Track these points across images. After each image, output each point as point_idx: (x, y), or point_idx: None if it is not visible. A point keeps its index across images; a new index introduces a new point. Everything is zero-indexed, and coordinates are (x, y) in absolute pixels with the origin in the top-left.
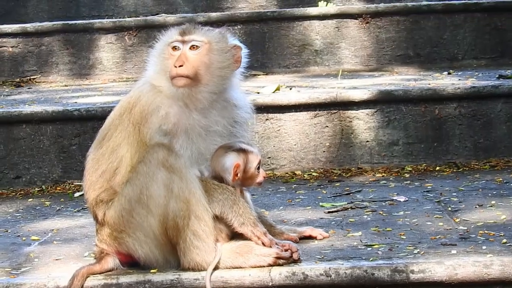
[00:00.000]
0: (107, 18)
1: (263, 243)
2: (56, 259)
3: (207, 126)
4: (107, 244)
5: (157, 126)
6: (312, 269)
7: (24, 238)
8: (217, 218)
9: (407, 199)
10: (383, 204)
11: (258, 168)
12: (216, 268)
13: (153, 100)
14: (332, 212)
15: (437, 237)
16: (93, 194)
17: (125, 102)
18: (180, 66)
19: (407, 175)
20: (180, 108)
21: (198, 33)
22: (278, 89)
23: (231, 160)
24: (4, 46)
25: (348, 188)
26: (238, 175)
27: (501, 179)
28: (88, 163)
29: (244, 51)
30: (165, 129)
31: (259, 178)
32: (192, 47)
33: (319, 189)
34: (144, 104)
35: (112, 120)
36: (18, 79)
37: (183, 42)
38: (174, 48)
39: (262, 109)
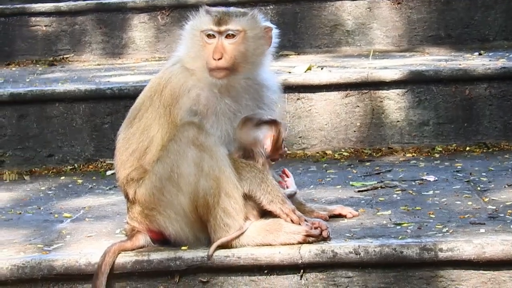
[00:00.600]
0: None
1: (292, 220)
2: (88, 236)
3: (237, 110)
4: (138, 222)
5: (188, 107)
6: (342, 247)
7: (56, 215)
8: (247, 196)
9: (436, 178)
10: (413, 183)
11: (283, 141)
12: (230, 246)
13: (184, 81)
14: (362, 191)
15: (466, 216)
16: (123, 173)
17: (155, 83)
18: (219, 58)
19: (437, 155)
20: (212, 92)
21: (233, 22)
22: (309, 68)
23: (265, 132)
24: (38, 25)
25: (378, 168)
26: (271, 146)
27: None
28: (119, 142)
29: (275, 31)
30: (195, 109)
31: (282, 151)
32: (228, 36)
33: (349, 169)
34: (175, 85)
35: (143, 101)
36: (51, 58)
37: (219, 32)
38: (209, 36)
39: (294, 88)
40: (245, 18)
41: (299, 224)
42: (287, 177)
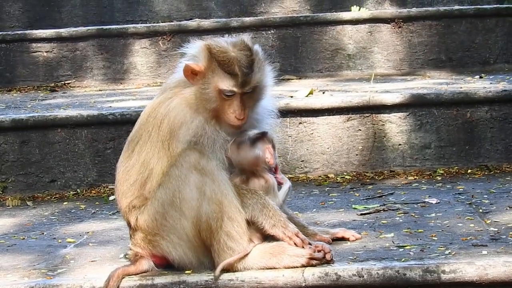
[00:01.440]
0: (141, 23)
1: (295, 243)
2: (91, 261)
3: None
4: (141, 248)
5: (187, 139)
6: (345, 270)
7: (60, 241)
8: (250, 222)
9: (439, 201)
10: (415, 206)
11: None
12: (246, 268)
13: (183, 118)
14: (364, 214)
15: (468, 238)
16: (125, 202)
17: (152, 115)
18: (243, 118)
19: (439, 178)
20: (211, 127)
21: (254, 79)
22: (311, 93)
23: (261, 148)
24: (39, 51)
25: (380, 191)
26: (270, 156)
27: None
28: (119, 174)
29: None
30: (194, 140)
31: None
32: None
33: (351, 192)
34: (173, 121)
35: (141, 134)
36: (52, 84)
37: (242, 93)
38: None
39: (295, 112)
40: (262, 71)
41: (303, 247)
42: (276, 173)
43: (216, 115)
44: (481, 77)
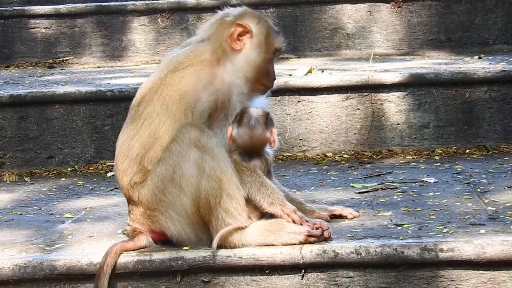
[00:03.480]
0: (140, 0)
1: (293, 220)
2: (89, 236)
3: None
4: (140, 223)
5: (201, 109)
6: (343, 247)
7: (57, 216)
8: (248, 199)
9: (437, 180)
10: (413, 185)
11: None
12: (244, 245)
13: (194, 85)
14: (362, 192)
15: (466, 217)
16: (126, 180)
17: (165, 78)
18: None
19: (437, 158)
20: (223, 95)
21: None
22: (310, 71)
23: (269, 129)
24: (37, 28)
25: (378, 170)
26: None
27: None
28: (119, 149)
29: None
30: (209, 113)
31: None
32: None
33: (350, 171)
34: (185, 89)
35: (147, 104)
36: (51, 60)
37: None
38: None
39: (294, 91)
40: None
41: (301, 224)
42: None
43: (253, 81)
44: (480, 58)
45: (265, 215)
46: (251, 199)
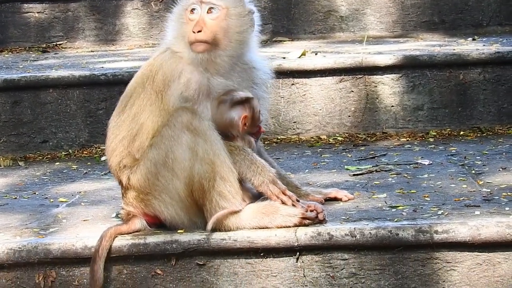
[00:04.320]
0: None
1: (282, 201)
2: (84, 220)
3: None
4: (133, 207)
5: (179, 93)
6: (338, 230)
7: (52, 200)
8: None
9: (431, 162)
10: (408, 167)
11: (259, 111)
12: (238, 228)
13: (174, 67)
14: (357, 175)
15: (461, 199)
16: (115, 160)
17: (146, 69)
18: (199, 31)
19: (431, 140)
20: (201, 73)
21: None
22: (303, 54)
23: (239, 113)
24: (31, 12)
25: (373, 152)
26: (247, 124)
27: None
28: (109, 130)
29: (257, 14)
30: (186, 95)
31: (260, 121)
32: (210, 10)
33: (344, 153)
34: (166, 71)
35: (134, 88)
36: (44, 45)
37: (201, 2)
38: (192, 11)
39: (288, 74)
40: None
41: (293, 205)
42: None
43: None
44: (474, 40)
45: (259, 197)
46: (242, 178)
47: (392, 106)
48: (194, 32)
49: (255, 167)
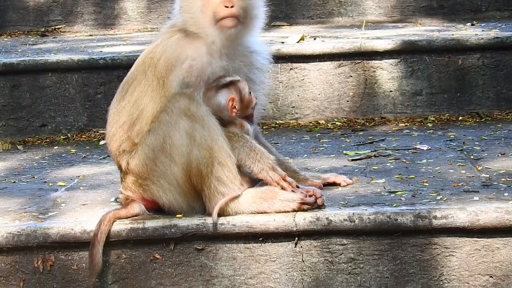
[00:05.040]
0: None
1: (282, 187)
2: (82, 204)
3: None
4: (132, 191)
5: (181, 79)
6: (336, 215)
7: (50, 184)
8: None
9: (430, 147)
10: (406, 152)
11: (250, 93)
12: (237, 213)
13: (179, 52)
14: (355, 160)
15: (460, 184)
16: (115, 145)
17: (148, 55)
18: (232, 6)
19: (430, 125)
20: (208, 57)
21: None
22: (302, 39)
23: (225, 96)
24: None
25: (371, 137)
26: (236, 107)
27: None
28: (110, 116)
29: None
30: (187, 81)
31: (253, 101)
32: None
33: (342, 138)
34: (170, 56)
35: (136, 75)
36: (43, 29)
37: None
38: None
39: (287, 58)
40: None
41: (293, 191)
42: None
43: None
44: (473, 25)
45: (257, 181)
46: (241, 164)
47: (391, 91)
48: (227, 6)
49: (254, 154)
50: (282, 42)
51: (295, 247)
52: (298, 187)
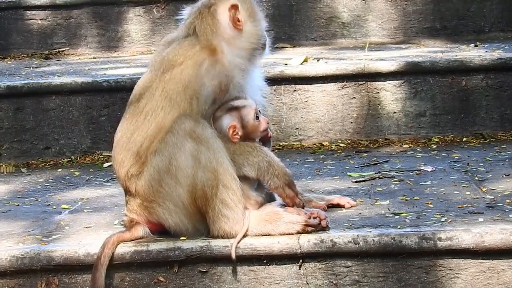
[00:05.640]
0: None
1: (294, 204)
2: (86, 227)
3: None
4: (137, 214)
5: (202, 95)
6: (341, 237)
7: (54, 207)
8: (245, 185)
9: (434, 169)
10: (410, 174)
11: (257, 118)
12: (245, 236)
13: (197, 74)
14: (359, 181)
15: (464, 205)
16: (123, 171)
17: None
18: None
19: (434, 146)
20: (226, 77)
21: None
22: (305, 60)
23: (226, 122)
24: (33, 19)
25: (375, 159)
26: (239, 133)
27: None
28: (116, 142)
29: None
30: (206, 95)
31: (262, 126)
32: None
33: (346, 160)
34: (188, 79)
35: (146, 99)
36: (47, 52)
37: None
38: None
39: (290, 80)
40: None
41: (298, 214)
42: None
43: (253, 52)
44: (476, 46)
45: (262, 203)
46: (260, 180)
47: (395, 112)
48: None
49: (273, 169)
50: (286, 64)
51: (300, 269)
52: (303, 208)
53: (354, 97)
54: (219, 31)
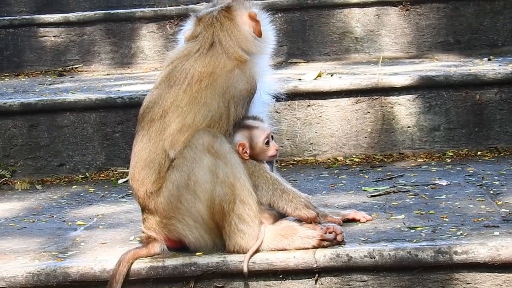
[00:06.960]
0: (148, 7)
1: (315, 221)
2: (102, 243)
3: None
4: (156, 232)
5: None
6: (356, 251)
7: (69, 223)
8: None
9: (449, 183)
10: (425, 188)
11: (268, 142)
12: (259, 250)
13: (231, 83)
14: (374, 196)
15: (480, 219)
16: (142, 190)
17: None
18: None
19: (448, 160)
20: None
21: None
22: (319, 75)
23: (236, 139)
24: (47, 36)
25: (390, 173)
26: (247, 152)
27: None
28: (136, 158)
29: None
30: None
31: (270, 152)
32: None
33: (361, 174)
34: (221, 86)
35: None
36: (60, 68)
37: None
38: None
39: (304, 95)
40: None
41: (314, 228)
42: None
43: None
44: (489, 60)
45: (278, 219)
46: (274, 206)
47: (409, 126)
48: None
49: (287, 195)
50: (299, 79)
51: (316, 284)
52: (319, 223)
53: (368, 112)
54: (242, 38)
